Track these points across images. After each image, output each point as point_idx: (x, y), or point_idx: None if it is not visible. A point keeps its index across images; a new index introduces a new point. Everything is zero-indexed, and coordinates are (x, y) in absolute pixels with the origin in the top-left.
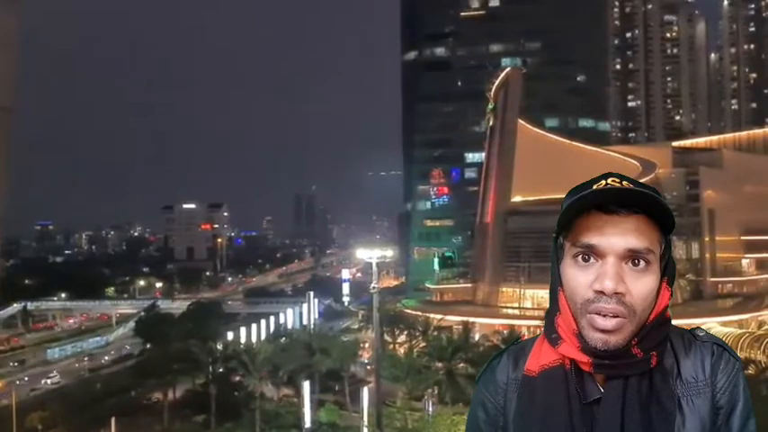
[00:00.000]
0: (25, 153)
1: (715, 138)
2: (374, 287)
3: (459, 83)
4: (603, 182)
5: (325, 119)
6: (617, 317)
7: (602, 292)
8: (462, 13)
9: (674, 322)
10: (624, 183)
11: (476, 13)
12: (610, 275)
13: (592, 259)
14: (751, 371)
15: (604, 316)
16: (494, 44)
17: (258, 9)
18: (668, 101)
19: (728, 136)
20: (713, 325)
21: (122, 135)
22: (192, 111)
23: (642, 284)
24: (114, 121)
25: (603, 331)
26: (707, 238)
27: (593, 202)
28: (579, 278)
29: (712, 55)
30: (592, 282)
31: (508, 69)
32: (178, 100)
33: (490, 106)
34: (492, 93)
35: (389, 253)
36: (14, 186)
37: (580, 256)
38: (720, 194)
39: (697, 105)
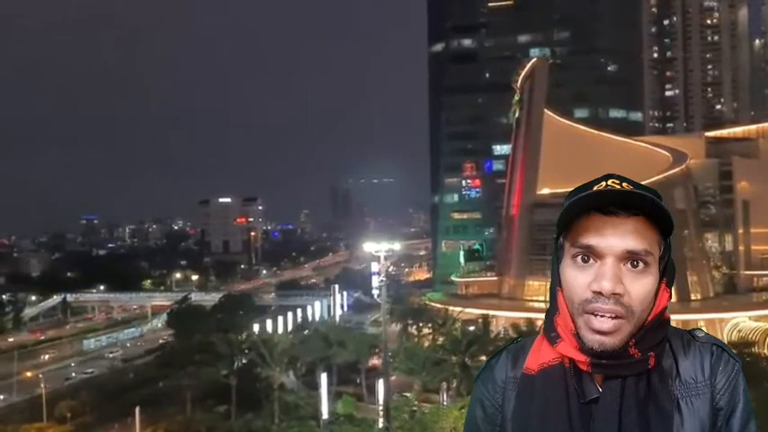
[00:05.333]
0: (73, 149)
1: (753, 127)
2: (382, 280)
3: (487, 74)
4: (604, 183)
5: (362, 112)
6: (614, 318)
7: (599, 293)
8: (490, 3)
9: (704, 316)
10: (624, 184)
11: (504, 2)
12: (608, 276)
13: (591, 260)
14: None
15: (601, 317)
16: (522, 34)
17: (292, 6)
18: (708, 89)
19: (767, 125)
20: (743, 319)
21: (167, 129)
22: (242, 105)
23: (640, 286)
24: (158, 117)
25: (600, 333)
26: (741, 230)
27: (592, 203)
28: (578, 278)
29: (756, 41)
30: (590, 282)
31: (534, 60)
32: (223, 95)
33: (516, 98)
34: (518, 84)
35: (397, 246)
36: (61, 182)
37: (579, 256)
38: (755, 185)
39: (739, 94)
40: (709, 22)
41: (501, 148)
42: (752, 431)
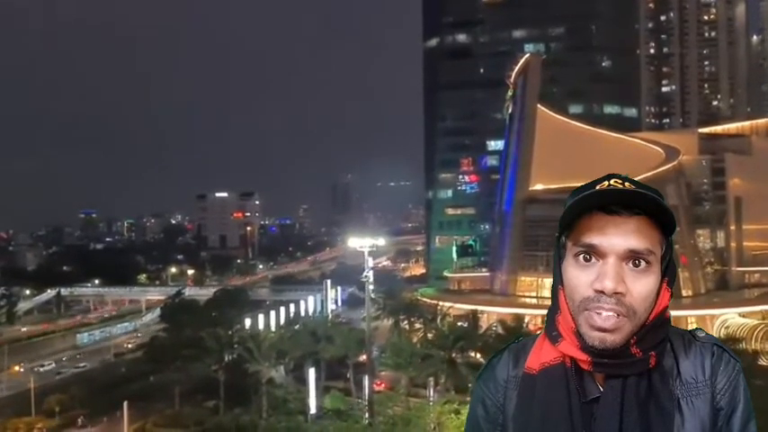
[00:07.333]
0: (73, 147)
1: (746, 123)
2: (366, 276)
3: (483, 70)
4: (606, 183)
5: (361, 109)
6: (616, 316)
7: (601, 292)
8: None
9: (695, 312)
10: (626, 184)
11: None
12: (610, 275)
13: (593, 259)
14: (763, 362)
15: (603, 314)
16: (518, 30)
17: (292, 6)
18: (705, 85)
19: (761, 121)
20: (732, 315)
21: (169, 124)
22: (241, 105)
23: (642, 285)
24: (160, 112)
25: (601, 329)
26: (733, 227)
27: (595, 202)
28: (580, 277)
29: (754, 37)
30: (592, 281)
31: (527, 56)
32: (223, 94)
33: (509, 93)
34: (511, 80)
35: (381, 242)
36: (61, 178)
37: (581, 255)
38: (748, 182)
39: (736, 90)
40: (706, 17)
41: (496, 144)
42: (752, 431)
